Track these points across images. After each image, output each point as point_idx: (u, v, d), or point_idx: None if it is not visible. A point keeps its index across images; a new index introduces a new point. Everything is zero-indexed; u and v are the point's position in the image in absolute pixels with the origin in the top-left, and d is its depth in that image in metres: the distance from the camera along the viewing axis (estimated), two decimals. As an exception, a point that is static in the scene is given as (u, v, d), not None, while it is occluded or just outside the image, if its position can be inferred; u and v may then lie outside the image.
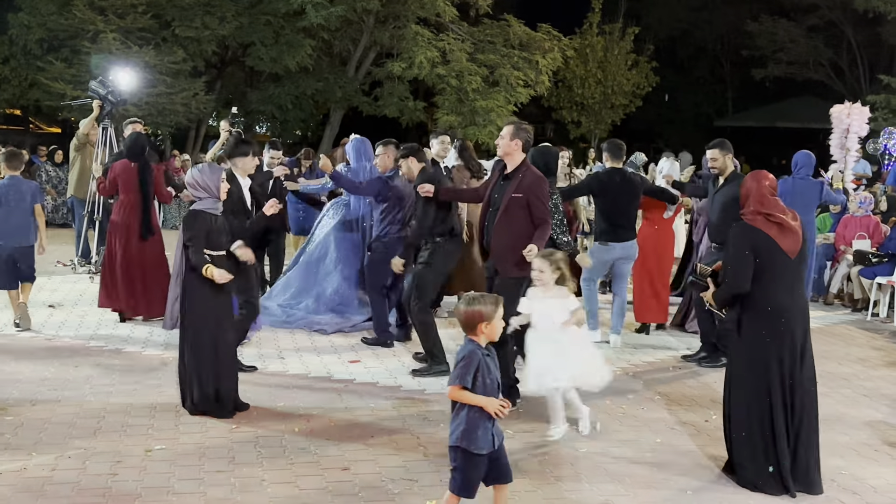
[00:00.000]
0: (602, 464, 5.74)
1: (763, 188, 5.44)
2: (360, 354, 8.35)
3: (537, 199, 6.76)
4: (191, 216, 6.38)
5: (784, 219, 5.38)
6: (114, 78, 11.97)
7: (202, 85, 21.98)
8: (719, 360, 8.11)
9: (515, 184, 6.81)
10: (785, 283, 5.32)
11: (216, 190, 6.38)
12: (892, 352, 9.41)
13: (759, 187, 5.45)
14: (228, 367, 6.49)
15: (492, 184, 7.17)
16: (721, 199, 8.38)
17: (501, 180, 6.99)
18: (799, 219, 5.51)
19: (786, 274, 5.32)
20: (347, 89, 24.61)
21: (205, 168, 6.51)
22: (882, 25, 28.26)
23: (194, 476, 5.34)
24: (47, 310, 9.87)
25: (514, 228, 6.73)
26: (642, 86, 30.90)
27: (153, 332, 8.88)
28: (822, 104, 19.68)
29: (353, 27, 24.08)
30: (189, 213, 6.45)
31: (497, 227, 6.86)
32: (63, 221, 17.53)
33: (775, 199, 5.45)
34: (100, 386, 7.08)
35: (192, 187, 6.41)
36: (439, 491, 5.19)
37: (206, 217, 6.35)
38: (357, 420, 6.49)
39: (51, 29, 20.33)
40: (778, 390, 5.28)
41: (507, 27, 24.31)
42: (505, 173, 6.99)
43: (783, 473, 5.27)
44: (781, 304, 5.30)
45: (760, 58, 32.67)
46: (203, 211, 6.37)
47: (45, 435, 5.95)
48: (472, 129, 22.49)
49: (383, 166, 8.75)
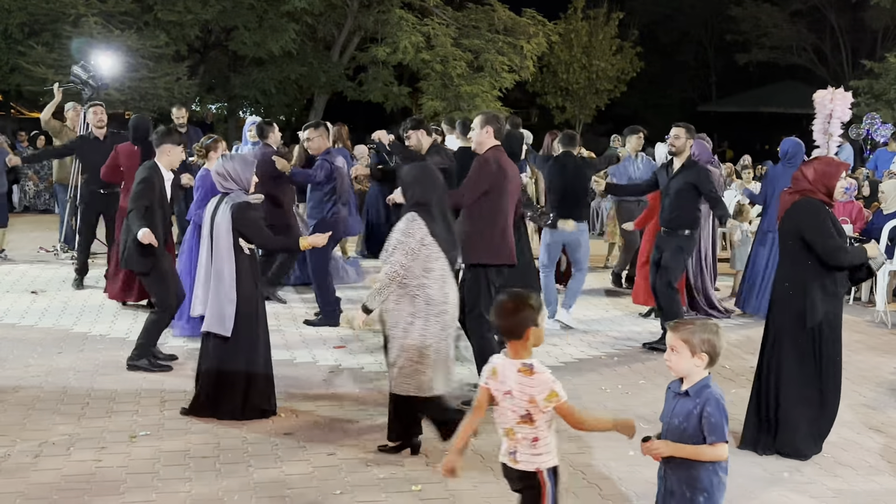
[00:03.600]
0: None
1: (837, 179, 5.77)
2: (345, 340, 8.36)
3: (469, 176, 6.57)
4: (243, 207, 6.00)
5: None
6: (95, 62, 11.87)
7: (185, 69, 21.81)
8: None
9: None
10: None
11: (247, 182, 6.11)
12: (875, 335, 9.48)
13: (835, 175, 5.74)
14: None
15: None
16: (676, 185, 8.40)
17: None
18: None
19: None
20: (332, 74, 24.50)
21: (237, 158, 6.24)
22: (865, 10, 28.32)
23: (179, 462, 5.34)
24: (30, 296, 9.82)
25: (477, 215, 6.53)
26: (627, 71, 30.89)
27: (137, 318, 8.84)
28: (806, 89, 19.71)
29: (337, 11, 23.95)
30: (240, 205, 6.01)
31: (462, 215, 6.57)
32: (45, 207, 17.43)
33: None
34: (84, 372, 7.06)
35: (221, 177, 6.07)
36: (425, 475, 5.22)
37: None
38: (342, 405, 6.50)
39: (32, 13, 20.11)
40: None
41: (492, 12, 24.22)
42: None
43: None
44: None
45: (744, 43, 32.72)
46: (249, 203, 6.07)
47: (29, 421, 5.93)
48: (457, 115, 22.43)
49: (318, 148, 8.78)
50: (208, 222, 6.08)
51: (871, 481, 5.48)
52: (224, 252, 5.94)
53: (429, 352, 5.27)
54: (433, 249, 5.25)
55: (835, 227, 5.68)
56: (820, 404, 5.75)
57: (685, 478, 3.66)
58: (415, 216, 5.26)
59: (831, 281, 5.71)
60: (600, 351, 8.37)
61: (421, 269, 5.22)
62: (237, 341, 6.03)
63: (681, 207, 8.32)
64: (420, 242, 5.21)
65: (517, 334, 3.69)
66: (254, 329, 6.11)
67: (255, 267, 6.26)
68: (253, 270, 6.16)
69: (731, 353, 8.40)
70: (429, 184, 5.42)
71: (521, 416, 3.68)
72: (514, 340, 3.71)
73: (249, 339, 6.08)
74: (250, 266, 6.12)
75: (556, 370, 7.55)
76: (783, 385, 5.72)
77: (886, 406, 7.00)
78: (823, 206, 5.71)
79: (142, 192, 7.12)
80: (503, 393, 3.71)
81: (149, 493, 4.91)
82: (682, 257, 8.38)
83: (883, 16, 27.71)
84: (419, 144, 8.00)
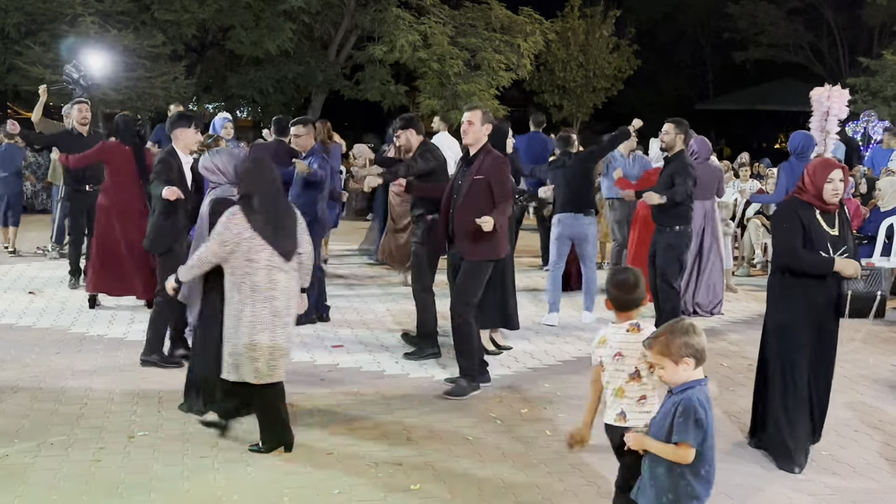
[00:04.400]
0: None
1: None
2: (343, 340, 8.36)
3: (498, 180, 6.68)
4: (221, 201, 5.88)
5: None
6: (86, 61, 11.86)
7: (182, 69, 21.80)
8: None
9: (476, 166, 6.71)
10: None
11: (230, 175, 5.99)
12: (872, 333, 9.48)
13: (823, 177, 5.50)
14: None
15: (455, 173, 7.06)
16: (664, 180, 8.48)
17: (464, 166, 6.86)
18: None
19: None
20: (329, 73, 24.50)
21: (222, 152, 6.21)
22: (861, 8, 28.35)
23: (177, 462, 5.33)
24: (28, 296, 9.81)
25: (477, 211, 6.56)
26: (624, 69, 30.90)
27: (135, 318, 8.84)
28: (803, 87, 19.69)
29: (334, 10, 23.94)
30: (214, 201, 5.94)
31: (459, 210, 6.72)
32: (42, 207, 17.40)
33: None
34: (81, 373, 7.05)
35: (209, 171, 6.03)
36: (423, 475, 5.22)
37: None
38: (340, 405, 6.49)
39: (29, 13, 20.10)
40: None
41: (489, 10, 24.22)
42: (466, 158, 6.88)
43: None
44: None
45: (741, 41, 32.72)
46: (227, 199, 5.91)
47: (28, 422, 5.93)
48: (454, 113, 22.43)
49: (304, 145, 8.76)
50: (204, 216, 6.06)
51: (870, 479, 5.48)
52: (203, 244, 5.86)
53: (260, 338, 5.34)
54: (255, 242, 5.34)
55: (808, 230, 5.42)
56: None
57: (655, 474, 3.68)
58: (236, 210, 5.41)
59: (800, 285, 5.48)
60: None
61: (244, 259, 5.33)
62: (206, 341, 5.86)
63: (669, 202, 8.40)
64: (238, 236, 5.32)
65: (633, 306, 4.15)
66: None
67: None
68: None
69: (729, 351, 8.42)
70: (256, 178, 5.51)
71: (630, 375, 4.09)
72: (626, 311, 4.15)
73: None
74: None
75: (556, 369, 7.60)
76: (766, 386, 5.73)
77: (885, 403, 7.00)
78: (799, 207, 5.48)
79: (160, 170, 7.20)
80: (613, 356, 4.11)
81: (147, 493, 4.91)
82: (674, 255, 8.43)
83: (879, 13, 27.74)
84: (409, 144, 7.97)
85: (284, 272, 5.44)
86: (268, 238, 5.36)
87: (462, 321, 6.73)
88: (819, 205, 5.48)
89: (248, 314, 5.33)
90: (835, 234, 5.52)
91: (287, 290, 5.46)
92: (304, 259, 5.65)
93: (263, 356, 5.36)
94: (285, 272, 5.44)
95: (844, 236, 5.56)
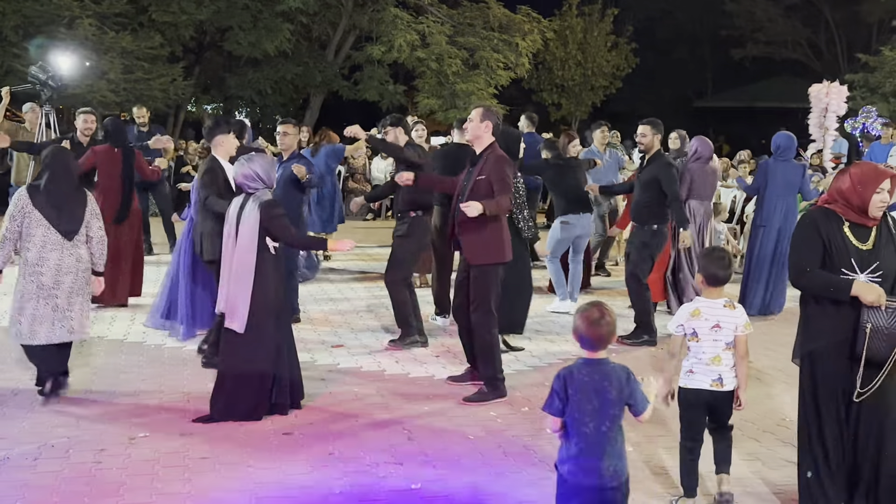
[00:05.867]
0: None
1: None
2: (343, 339, 8.36)
3: (498, 176, 6.51)
4: (271, 205, 6.04)
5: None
6: (54, 62, 11.86)
7: (180, 70, 21.81)
8: (640, 337, 8.37)
9: (480, 167, 6.60)
10: None
11: (271, 181, 6.15)
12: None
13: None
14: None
15: (464, 172, 6.92)
16: (643, 179, 8.54)
17: (471, 167, 6.74)
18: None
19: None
20: (327, 73, 24.52)
21: (257, 158, 6.21)
22: (859, 4, 28.39)
23: (178, 463, 5.33)
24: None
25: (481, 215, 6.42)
26: (622, 67, 30.93)
27: (135, 320, 8.84)
28: (801, 83, 19.73)
29: (332, 10, 23.96)
30: (269, 202, 6.05)
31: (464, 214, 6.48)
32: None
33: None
34: (81, 375, 7.04)
35: (248, 179, 6.06)
36: (425, 473, 5.22)
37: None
38: (341, 404, 6.49)
39: (26, 15, 20.09)
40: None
41: (487, 9, 24.25)
42: (473, 159, 6.76)
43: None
44: None
45: (739, 38, 32.77)
46: (275, 200, 6.14)
47: (28, 424, 5.93)
48: (453, 113, 22.47)
49: (290, 146, 8.71)
50: (233, 221, 6.08)
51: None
52: (246, 250, 5.94)
53: (25, 304, 6.20)
54: (33, 218, 6.17)
55: (829, 244, 4.48)
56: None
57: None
58: (22, 191, 6.28)
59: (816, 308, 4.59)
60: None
61: (25, 235, 6.19)
62: (253, 340, 6.00)
63: (648, 201, 8.47)
64: (21, 212, 6.17)
65: (725, 282, 4.76)
66: (271, 329, 6.08)
67: (280, 267, 6.24)
68: (277, 270, 6.14)
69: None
70: (50, 163, 6.33)
71: (727, 344, 4.69)
72: (716, 288, 4.74)
73: (264, 338, 6.04)
74: (274, 266, 6.09)
75: (557, 367, 7.58)
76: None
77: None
78: (820, 218, 4.55)
79: (209, 181, 7.26)
80: (710, 327, 4.70)
81: (148, 494, 4.90)
82: (647, 253, 8.50)
83: (877, 9, 27.76)
84: (396, 142, 8.13)
85: (59, 253, 6.20)
86: (50, 219, 6.16)
87: (485, 331, 6.63)
88: (855, 216, 4.52)
89: (21, 283, 6.22)
90: (866, 248, 4.50)
91: (59, 268, 6.20)
92: (94, 244, 6.39)
93: (26, 321, 6.20)
94: (59, 251, 6.20)
95: (879, 252, 4.50)
